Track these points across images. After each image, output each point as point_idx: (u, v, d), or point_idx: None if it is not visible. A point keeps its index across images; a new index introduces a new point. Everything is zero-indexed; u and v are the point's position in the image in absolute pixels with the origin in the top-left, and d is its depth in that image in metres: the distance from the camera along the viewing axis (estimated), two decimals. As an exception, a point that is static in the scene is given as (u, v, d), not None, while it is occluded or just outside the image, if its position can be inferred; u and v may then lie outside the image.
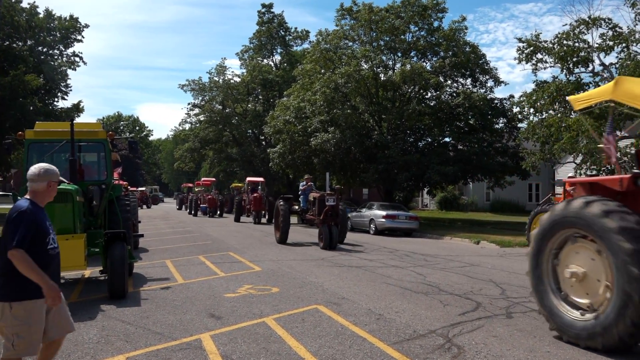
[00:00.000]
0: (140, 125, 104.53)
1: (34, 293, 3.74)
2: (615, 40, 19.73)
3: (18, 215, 3.72)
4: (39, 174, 3.92)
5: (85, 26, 39.72)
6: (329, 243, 15.56)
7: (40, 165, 3.97)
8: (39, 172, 3.92)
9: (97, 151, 10.18)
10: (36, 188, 3.92)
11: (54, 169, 4.05)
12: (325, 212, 15.82)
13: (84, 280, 10.18)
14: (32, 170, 3.93)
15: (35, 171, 3.93)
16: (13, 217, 3.72)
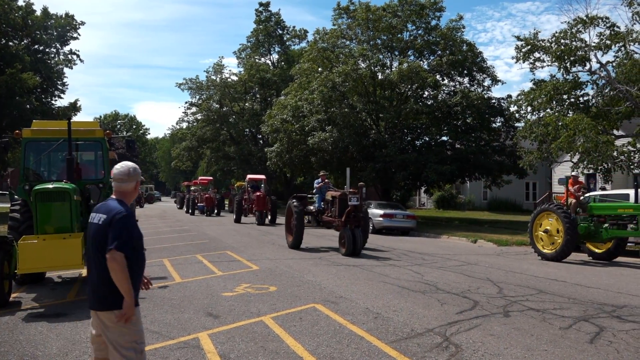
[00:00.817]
0: (137, 123, 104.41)
1: (137, 300, 3.58)
2: (613, 39, 19.76)
3: (123, 219, 3.48)
4: (129, 174, 3.66)
5: (81, 23, 39.62)
6: (352, 249, 13.65)
7: (127, 164, 3.70)
8: (128, 171, 3.66)
9: (94, 150, 10.17)
10: (125, 188, 3.68)
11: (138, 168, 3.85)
12: (348, 213, 14.00)
13: (82, 279, 10.16)
14: (120, 170, 3.65)
15: (124, 170, 3.66)
16: (116, 219, 3.45)
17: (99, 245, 3.48)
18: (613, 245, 13.66)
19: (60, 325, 6.50)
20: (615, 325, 6.62)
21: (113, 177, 3.62)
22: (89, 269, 3.62)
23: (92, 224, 3.60)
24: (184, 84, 52.54)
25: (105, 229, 3.46)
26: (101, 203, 3.69)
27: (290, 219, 15.84)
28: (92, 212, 3.66)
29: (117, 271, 3.37)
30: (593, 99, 21.45)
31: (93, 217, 3.62)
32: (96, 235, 3.51)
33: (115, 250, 3.35)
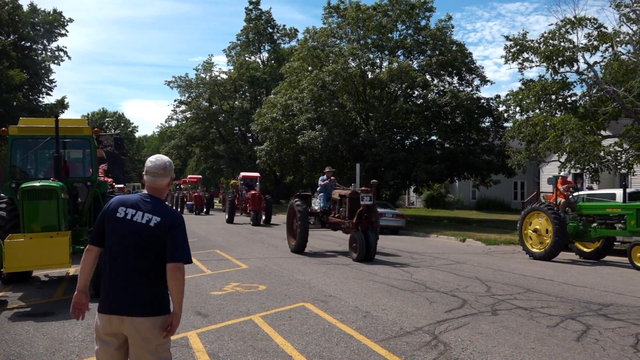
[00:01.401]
0: (125, 121, 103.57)
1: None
2: (600, 40, 19.94)
3: (183, 225, 3.21)
4: (165, 168, 3.26)
5: (69, 20, 39.37)
6: (365, 254, 12.35)
7: (162, 157, 3.31)
8: (165, 165, 3.26)
9: (82, 148, 10.09)
10: (161, 184, 3.28)
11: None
12: (359, 214, 12.68)
13: (69, 278, 10.08)
14: (155, 163, 3.25)
15: (160, 164, 3.25)
16: (178, 226, 3.16)
17: (144, 247, 3.10)
18: (601, 244, 13.79)
19: (47, 325, 6.44)
20: (601, 324, 6.68)
21: (147, 171, 3.24)
22: (114, 268, 3.13)
23: (133, 222, 3.13)
24: (173, 81, 52.35)
25: (160, 233, 3.10)
26: (137, 198, 3.22)
27: (292, 220, 14.45)
28: (127, 207, 3.17)
29: (181, 282, 3.12)
30: (581, 100, 21.64)
31: (134, 215, 3.15)
32: (143, 237, 3.11)
33: (186, 262, 3.13)
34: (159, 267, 3.12)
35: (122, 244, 3.13)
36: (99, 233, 3.23)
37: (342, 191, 14.22)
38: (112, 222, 3.18)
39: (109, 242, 3.18)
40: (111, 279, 3.13)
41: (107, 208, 3.24)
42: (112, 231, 3.17)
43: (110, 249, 3.16)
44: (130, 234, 3.12)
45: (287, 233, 14.91)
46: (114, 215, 3.19)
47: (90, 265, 3.26)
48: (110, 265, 3.15)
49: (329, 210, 14.66)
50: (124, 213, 3.17)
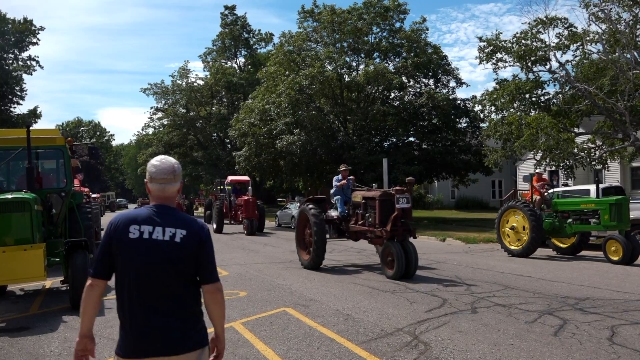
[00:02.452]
0: (101, 130, 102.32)
1: None
2: (571, 39, 20.33)
3: (210, 234, 2.71)
4: (174, 172, 2.69)
5: (40, 29, 38.76)
6: (404, 269, 10.05)
7: (167, 159, 2.73)
8: (173, 168, 2.69)
9: (55, 158, 9.91)
10: (171, 192, 2.70)
11: None
12: (395, 220, 10.40)
13: (45, 291, 9.90)
14: (161, 167, 2.67)
15: (167, 167, 2.68)
16: (207, 239, 2.66)
17: (173, 270, 2.55)
18: (577, 239, 14.02)
19: (23, 340, 6.31)
20: (578, 318, 6.79)
21: (152, 177, 2.66)
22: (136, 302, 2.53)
23: (154, 241, 2.55)
24: (149, 89, 51.96)
25: (189, 249, 2.57)
26: (148, 212, 2.64)
27: (303, 229, 12.37)
28: (140, 223, 2.58)
29: (223, 304, 2.71)
30: (554, 98, 22.03)
31: (152, 232, 2.57)
32: (170, 257, 2.54)
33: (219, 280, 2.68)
34: (191, 290, 2.63)
35: (144, 270, 2.53)
36: (105, 263, 2.60)
37: (367, 193, 11.86)
38: (124, 246, 2.55)
39: (125, 272, 2.56)
40: (135, 315, 2.52)
41: (114, 229, 2.60)
42: (128, 257, 2.55)
43: (129, 279, 2.54)
44: (153, 257, 2.53)
45: (296, 245, 12.61)
46: (126, 237, 2.55)
47: (94, 304, 2.62)
48: (130, 299, 2.54)
49: (348, 217, 12.32)
50: (138, 232, 2.56)
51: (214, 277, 2.64)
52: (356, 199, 12.11)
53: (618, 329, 6.21)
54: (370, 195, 11.53)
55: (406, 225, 10.53)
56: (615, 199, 12.61)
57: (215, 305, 2.68)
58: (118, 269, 2.59)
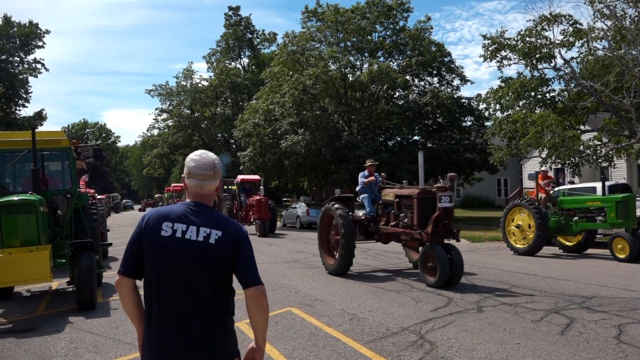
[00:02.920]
0: (107, 132, 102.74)
1: None
2: (576, 36, 20.24)
3: (248, 236, 2.52)
4: (214, 168, 2.50)
5: (46, 32, 38.91)
6: (448, 276, 8.92)
7: (207, 154, 2.55)
8: (213, 164, 2.50)
9: (60, 160, 9.95)
10: (210, 189, 2.51)
11: None
12: (436, 221, 9.35)
13: (51, 292, 9.94)
14: (201, 163, 2.48)
15: (207, 163, 2.49)
16: (245, 241, 2.45)
17: (206, 274, 2.34)
18: (583, 237, 13.95)
19: (29, 341, 6.33)
20: (585, 316, 6.75)
21: (190, 172, 2.48)
22: (167, 309, 2.34)
23: (187, 241, 2.36)
24: (154, 90, 52.12)
25: (224, 251, 2.36)
26: (183, 209, 2.45)
27: (327, 230, 11.48)
28: (173, 220, 2.40)
29: (267, 310, 2.45)
30: (559, 95, 21.92)
31: (185, 230, 2.38)
32: (204, 260, 2.34)
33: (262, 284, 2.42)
34: (223, 297, 2.42)
35: (174, 271, 2.33)
36: (133, 261, 2.42)
37: (401, 190, 10.80)
38: (155, 244, 2.37)
39: (154, 274, 2.36)
40: (164, 323, 2.34)
41: (144, 225, 2.43)
42: (158, 257, 2.35)
43: (158, 282, 2.34)
44: (186, 258, 2.33)
45: (320, 248, 11.61)
46: (157, 235, 2.37)
47: (132, 301, 2.44)
48: (159, 305, 2.34)
49: (377, 217, 11.25)
50: (171, 230, 2.38)
51: (256, 280, 2.40)
52: (387, 198, 10.96)
53: (625, 328, 6.17)
54: (405, 193, 10.41)
55: (448, 227, 9.48)
56: (622, 197, 12.54)
57: (259, 311, 2.42)
58: (146, 268, 2.40)
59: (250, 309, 2.40)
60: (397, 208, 10.55)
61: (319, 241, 11.69)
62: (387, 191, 11.18)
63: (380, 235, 11.24)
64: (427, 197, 9.75)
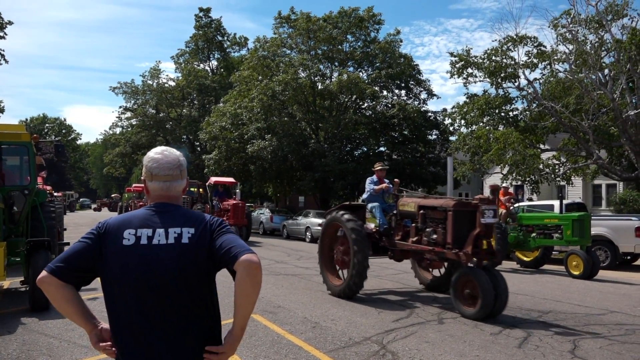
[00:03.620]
0: (67, 128, 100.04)
1: None
2: (540, 58, 20.92)
3: (224, 221, 2.24)
4: (179, 165, 2.24)
5: (8, 23, 37.61)
6: (491, 306, 7.41)
7: (171, 151, 2.27)
8: (177, 162, 2.23)
9: (19, 155, 9.62)
10: (178, 190, 2.25)
11: None
12: (477, 240, 7.86)
13: (3, 291, 9.57)
14: (163, 162, 2.20)
15: (171, 162, 2.21)
16: (218, 222, 2.18)
17: (183, 277, 2.07)
18: (540, 253, 14.33)
19: (-22, 342, 6.07)
20: (541, 330, 6.92)
21: (153, 173, 2.19)
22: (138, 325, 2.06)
23: (154, 247, 2.08)
24: (119, 87, 51.06)
25: (199, 247, 2.09)
26: (144, 213, 2.17)
27: (330, 244, 10.02)
28: (135, 227, 2.11)
29: (259, 285, 2.06)
30: (521, 114, 22.58)
31: (152, 236, 2.09)
32: (178, 263, 2.06)
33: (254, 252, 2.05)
34: (206, 300, 2.17)
35: (143, 285, 2.04)
36: (73, 268, 2.06)
37: (428, 201, 9.07)
38: (118, 255, 2.06)
39: (120, 289, 2.07)
40: (138, 342, 2.05)
41: (103, 233, 2.11)
42: (122, 270, 2.05)
43: (125, 298, 2.06)
44: (156, 267, 2.05)
45: (321, 265, 10.02)
46: (119, 244, 2.07)
47: (66, 295, 2.06)
48: (128, 322, 2.06)
49: (389, 231, 9.60)
50: (134, 237, 2.08)
51: (246, 248, 2.03)
52: (406, 208, 9.23)
53: (579, 342, 6.35)
54: (434, 204, 8.72)
55: (490, 247, 8.06)
56: (578, 215, 12.95)
57: (250, 287, 2.01)
58: (109, 284, 2.08)
59: (239, 283, 2.00)
60: (422, 221, 8.77)
61: (320, 256, 10.09)
62: (407, 201, 9.38)
63: (395, 252, 9.56)
64: (466, 210, 8.25)
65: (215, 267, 2.13)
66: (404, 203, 9.38)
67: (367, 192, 10.15)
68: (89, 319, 2.13)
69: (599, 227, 14.25)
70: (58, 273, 2.04)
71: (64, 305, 2.08)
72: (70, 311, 2.10)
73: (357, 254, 8.78)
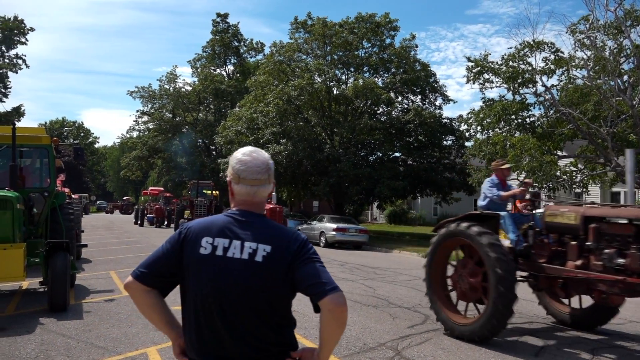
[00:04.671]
0: (85, 131, 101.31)
1: None
2: (557, 64, 20.73)
3: (308, 242, 2.08)
4: (268, 169, 2.14)
5: (30, 29, 38.34)
6: None
7: (257, 152, 2.16)
8: (266, 165, 2.13)
9: (40, 157, 9.78)
10: (263, 196, 2.14)
11: None
12: None
13: (22, 291, 9.70)
14: (252, 165, 2.09)
15: (260, 165, 2.10)
16: (302, 244, 2.03)
17: (252, 300, 1.95)
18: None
19: (-2, 341, 6.17)
20: (559, 339, 6.84)
21: (240, 177, 2.07)
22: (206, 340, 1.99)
23: (229, 260, 1.96)
24: (136, 92, 51.57)
25: (275, 270, 1.96)
26: (225, 220, 2.05)
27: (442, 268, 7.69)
28: (213, 235, 2.01)
29: (345, 324, 1.97)
30: (538, 121, 22.37)
31: (228, 247, 1.98)
32: (249, 283, 1.94)
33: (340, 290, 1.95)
34: (277, 325, 2.04)
35: (215, 302, 1.95)
36: (155, 273, 2.05)
37: (601, 210, 6.94)
38: (193, 264, 1.99)
39: (192, 302, 2.01)
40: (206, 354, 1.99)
41: (183, 237, 2.04)
42: (196, 281, 1.99)
43: (197, 313, 1.99)
44: (226, 283, 1.94)
45: (431, 295, 7.50)
46: (196, 253, 1.99)
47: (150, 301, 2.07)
48: (199, 333, 2.00)
49: (529, 248, 7.03)
50: (211, 246, 1.98)
51: (331, 286, 1.92)
52: (561, 220, 6.70)
53: (599, 352, 6.27)
54: (617, 215, 6.33)
55: None
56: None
57: (336, 328, 1.95)
58: (183, 290, 2.06)
59: (325, 323, 1.94)
60: (594, 239, 6.17)
61: (429, 283, 7.57)
62: (562, 210, 6.82)
63: (539, 279, 7.00)
64: None
65: (292, 292, 2.04)
66: (557, 213, 6.81)
67: (487, 197, 7.84)
68: (173, 327, 2.10)
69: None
70: (141, 278, 2.02)
71: (147, 311, 2.08)
72: (153, 318, 2.09)
73: (502, 281, 6.28)
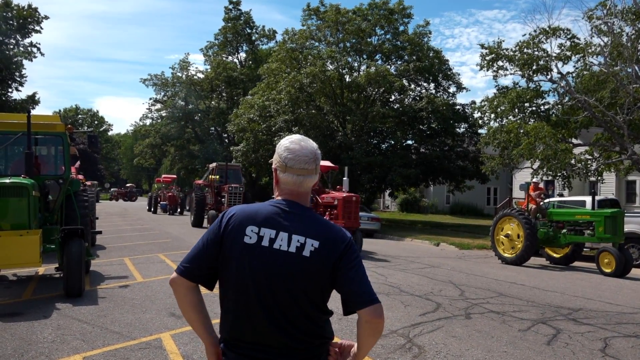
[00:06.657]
0: (99, 119, 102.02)
1: None
2: (573, 50, 20.43)
3: (354, 243, 2.07)
4: (315, 159, 2.05)
5: (44, 17, 38.42)
6: None
7: (305, 141, 2.08)
8: (314, 154, 2.05)
9: (55, 145, 9.88)
10: (308, 186, 2.07)
11: None
12: None
13: (38, 277, 9.86)
14: (300, 154, 2.02)
15: (307, 154, 2.03)
16: (349, 245, 2.01)
17: (296, 294, 1.92)
18: (570, 250, 14.10)
19: (15, 325, 6.28)
20: (571, 328, 6.82)
21: (287, 165, 2.02)
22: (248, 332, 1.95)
23: (274, 251, 1.93)
24: (149, 79, 51.91)
25: (320, 267, 1.93)
26: (271, 210, 2.01)
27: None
28: (259, 224, 1.96)
29: (381, 333, 1.99)
30: (553, 108, 22.11)
31: (274, 238, 1.95)
32: (295, 277, 1.92)
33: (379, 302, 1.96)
34: (320, 318, 2.00)
35: (258, 292, 1.92)
36: (200, 264, 2.00)
37: None
38: (238, 252, 1.94)
39: (234, 288, 1.96)
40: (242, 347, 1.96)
41: (225, 224, 1.99)
42: (238, 271, 1.94)
43: (237, 302, 1.96)
44: (272, 274, 1.92)
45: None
46: (240, 241, 1.94)
47: (191, 300, 2.05)
48: (238, 330, 1.97)
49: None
50: (257, 236, 1.95)
51: (371, 297, 1.94)
52: None
53: (611, 341, 6.24)
54: None
55: None
56: (611, 212, 12.68)
57: (373, 337, 1.97)
58: (223, 279, 2.00)
59: (362, 332, 1.95)
60: None
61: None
62: None
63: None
64: None
65: (332, 288, 2.00)
66: None
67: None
68: (209, 332, 2.07)
69: (632, 224, 13.94)
70: (186, 273, 1.99)
71: (188, 310, 2.05)
72: (192, 318, 2.06)
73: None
